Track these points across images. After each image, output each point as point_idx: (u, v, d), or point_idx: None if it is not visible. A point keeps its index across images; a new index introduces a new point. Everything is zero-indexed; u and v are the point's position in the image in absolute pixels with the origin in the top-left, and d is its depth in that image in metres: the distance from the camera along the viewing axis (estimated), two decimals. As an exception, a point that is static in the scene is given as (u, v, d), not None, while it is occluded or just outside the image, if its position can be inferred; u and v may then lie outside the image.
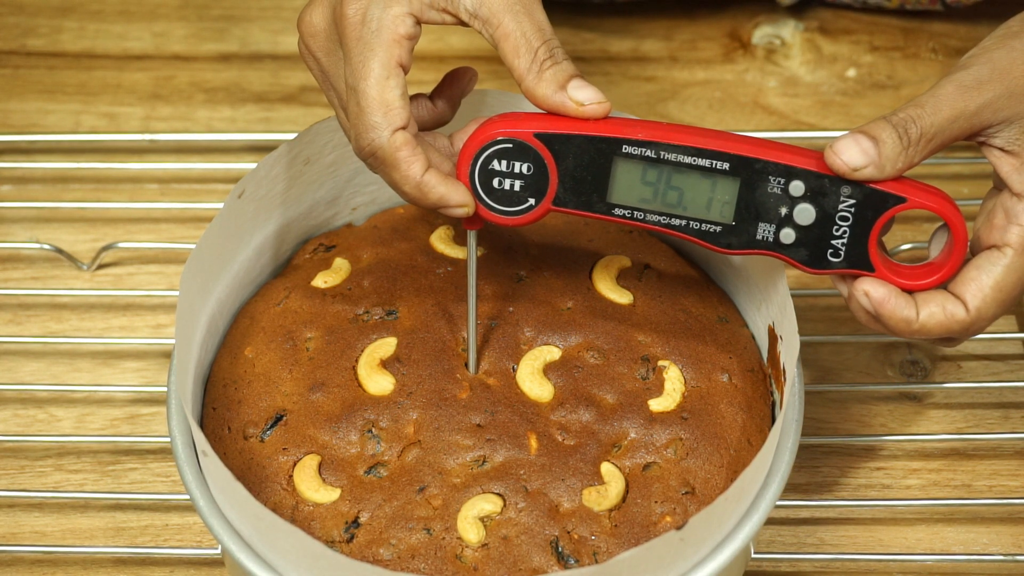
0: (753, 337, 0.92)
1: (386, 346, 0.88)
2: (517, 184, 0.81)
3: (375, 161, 0.80)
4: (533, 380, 0.87)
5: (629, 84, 1.19)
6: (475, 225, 0.83)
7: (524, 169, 0.81)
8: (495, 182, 0.81)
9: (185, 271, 0.84)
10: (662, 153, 0.79)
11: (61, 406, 1.00)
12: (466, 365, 0.88)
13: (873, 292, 0.79)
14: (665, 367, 0.88)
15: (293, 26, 1.22)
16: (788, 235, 0.80)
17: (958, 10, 1.21)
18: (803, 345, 0.96)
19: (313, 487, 0.84)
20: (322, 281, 0.92)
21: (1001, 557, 0.92)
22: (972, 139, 0.79)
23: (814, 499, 0.95)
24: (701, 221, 0.81)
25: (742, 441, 0.86)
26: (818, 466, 0.97)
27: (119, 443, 0.98)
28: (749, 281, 0.91)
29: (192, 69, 1.20)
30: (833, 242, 0.80)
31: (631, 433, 0.86)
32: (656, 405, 0.86)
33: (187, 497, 0.87)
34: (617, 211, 0.81)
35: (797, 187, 0.79)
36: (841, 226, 0.79)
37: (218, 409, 0.88)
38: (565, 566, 0.81)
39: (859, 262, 0.80)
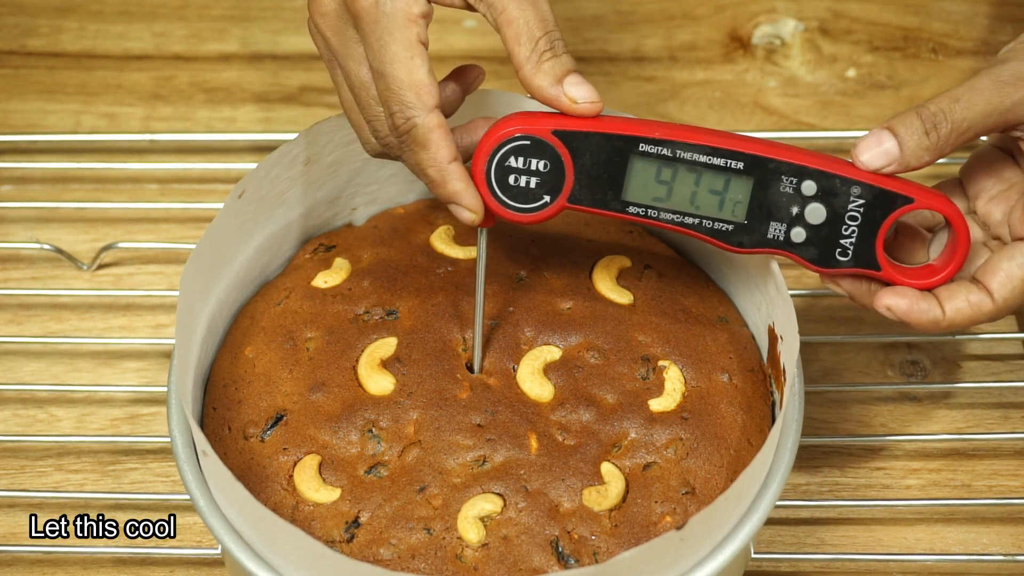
0: (753, 337, 0.92)
1: (386, 346, 0.88)
2: (533, 181, 0.81)
3: (408, 139, 0.79)
4: (533, 380, 0.87)
5: (629, 84, 1.19)
6: (487, 223, 0.83)
7: (541, 166, 0.81)
8: (511, 179, 0.81)
9: (185, 271, 0.84)
10: (678, 152, 0.80)
11: (61, 406, 1.00)
12: (467, 365, 0.88)
13: (895, 305, 0.81)
14: (665, 367, 0.88)
15: (293, 26, 1.22)
16: (799, 234, 0.81)
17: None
18: (803, 345, 0.96)
19: (313, 487, 0.84)
20: (322, 281, 0.92)
21: (1001, 557, 0.92)
22: (1005, 133, 0.81)
23: (814, 499, 0.95)
24: (714, 220, 0.81)
25: (742, 441, 0.86)
26: (818, 466, 0.97)
27: (119, 443, 0.98)
28: (749, 281, 0.91)
29: (192, 69, 1.20)
30: (842, 241, 0.80)
31: (631, 433, 0.85)
32: (656, 405, 0.86)
33: (187, 497, 0.87)
34: (631, 209, 0.82)
35: (809, 187, 0.80)
36: (850, 226, 0.80)
37: (218, 409, 0.88)
38: (565, 566, 0.81)
39: (866, 261, 0.81)
